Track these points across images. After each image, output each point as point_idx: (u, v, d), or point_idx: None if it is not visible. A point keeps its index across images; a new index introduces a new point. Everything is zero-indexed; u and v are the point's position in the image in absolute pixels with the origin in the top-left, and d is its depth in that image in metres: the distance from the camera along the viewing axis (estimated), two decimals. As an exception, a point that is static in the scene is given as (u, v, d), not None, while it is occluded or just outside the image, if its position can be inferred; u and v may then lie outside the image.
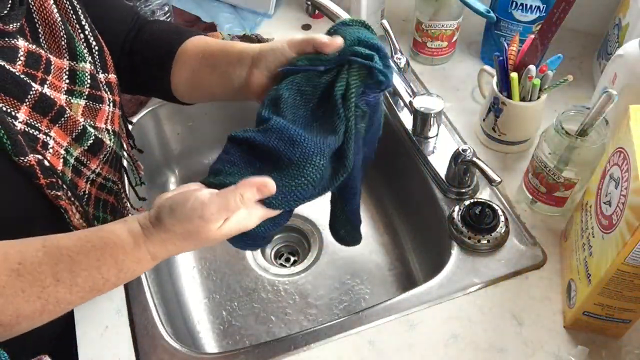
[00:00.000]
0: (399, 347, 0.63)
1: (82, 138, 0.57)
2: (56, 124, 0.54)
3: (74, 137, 0.56)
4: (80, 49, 0.56)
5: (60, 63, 0.55)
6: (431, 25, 0.92)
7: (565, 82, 0.71)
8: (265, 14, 1.07)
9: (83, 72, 0.57)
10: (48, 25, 0.53)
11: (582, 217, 0.63)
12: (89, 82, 0.57)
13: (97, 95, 0.59)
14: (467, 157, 0.71)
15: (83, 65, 0.57)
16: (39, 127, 0.52)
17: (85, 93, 0.57)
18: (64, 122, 0.54)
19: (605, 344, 0.62)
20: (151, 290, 0.69)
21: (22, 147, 0.49)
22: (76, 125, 0.56)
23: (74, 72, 0.56)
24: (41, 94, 0.52)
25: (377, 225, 0.95)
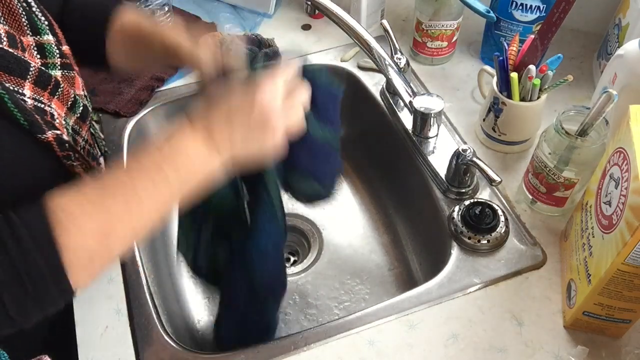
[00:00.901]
0: (399, 347, 0.63)
1: (74, 106, 0.59)
2: (54, 96, 0.56)
3: (68, 106, 0.58)
4: (39, 23, 0.57)
5: (26, 40, 0.55)
6: (431, 25, 0.92)
7: (565, 82, 0.71)
8: (265, 14, 1.07)
9: (49, 44, 0.58)
10: (6, 6, 0.54)
11: (582, 217, 0.63)
12: (57, 53, 0.58)
13: (68, 64, 0.60)
14: (467, 157, 0.71)
15: (47, 38, 0.57)
16: (42, 100, 0.54)
17: (57, 64, 0.58)
18: (60, 93, 0.56)
19: (605, 344, 0.62)
20: (151, 290, 0.69)
21: (39, 125, 0.51)
22: (69, 95, 0.58)
23: (41, 45, 0.57)
24: (39, 69, 0.53)
25: (377, 225, 0.95)
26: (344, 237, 0.94)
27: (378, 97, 0.93)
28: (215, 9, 1.08)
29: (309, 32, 1.05)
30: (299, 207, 0.98)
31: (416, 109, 0.80)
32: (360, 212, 0.98)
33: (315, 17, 1.05)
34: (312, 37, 1.04)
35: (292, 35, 1.04)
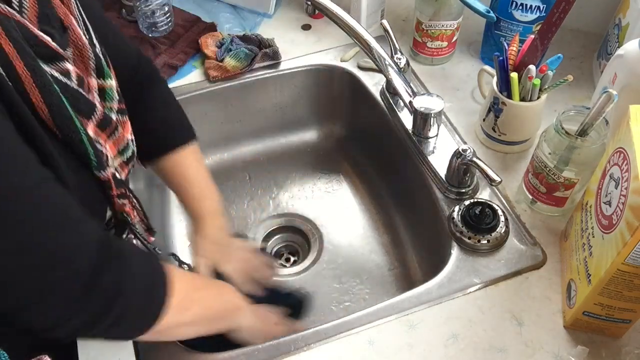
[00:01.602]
0: (399, 347, 0.63)
1: (125, 150, 0.62)
2: (111, 139, 0.58)
3: (120, 150, 0.60)
4: (106, 69, 0.58)
5: (91, 82, 0.57)
6: (431, 25, 0.92)
7: (565, 82, 0.71)
8: (265, 14, 1.07)
9: (111, 89, 0.59)
10: (78, 48, 0.55)
11: (582, 217, 0.63)
12: (117, 98, 0.60)
13: (123, 109, 0.62)
14: (467, 157, 0.71)
15: (110, 82, 0.59)
16: (100, 141, 0.56)
17: (115, 108, 0.60)
18: (116, 136, 0.59)
19: (605, 344, 0.62)
20: (151, 290, 0.69)
21: (103, 162, 0.54)
22: (123, 139, 0.60)
23: (103, 89, 0.58)
24: (104, 112, 0.56)
25: (377, 225, 0.95)
26: (344, 237, 0.94)
27: (378, 97, 0.93)
28: (215, 9, 1.08)
29: (309, 32, 1.05)
30: (299, 207, 0.98)
31: (416, 109, 0.80)
32: (360, 212, 0.98)
33: (315, 17, 1.05)
34: (312, 37, 1.04)
35: (292, 35, 1.04)
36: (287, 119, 1.05)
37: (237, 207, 0.99)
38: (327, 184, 1.02)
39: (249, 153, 1.06)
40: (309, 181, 1.03)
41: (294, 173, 1.04)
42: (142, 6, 0.96)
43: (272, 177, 1.03)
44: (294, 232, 0.97)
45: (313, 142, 1.08)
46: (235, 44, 0.98)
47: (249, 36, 1.00)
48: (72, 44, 0.54)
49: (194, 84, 0.95)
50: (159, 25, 0.99)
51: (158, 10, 0.97)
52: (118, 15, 1.03)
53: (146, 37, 0.99)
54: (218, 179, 1.02)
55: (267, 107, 1.02)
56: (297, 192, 1.01)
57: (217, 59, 0.96)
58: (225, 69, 0.95)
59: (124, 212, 0.61)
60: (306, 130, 1.08)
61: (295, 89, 1.02)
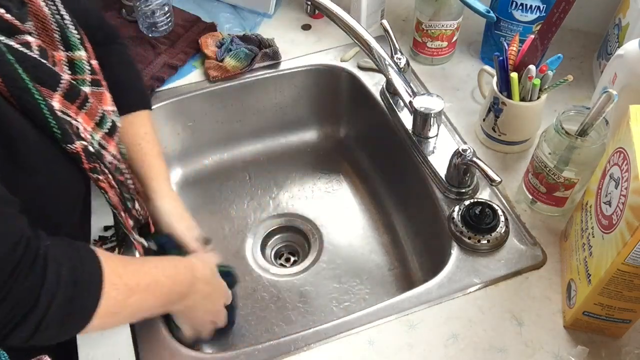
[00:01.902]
0: (399, 347, 0.63)
1: (102, 122, 0.60)
2: (82, 110, 0.56)
3: (96, 121, 0.59)
4: (73, 39, 0.57)
5: (58, 55, 0.56)
6: (431, 25, 0.92)
7: (565, 82, 0.71)
8: (265, 14, 1.07)
9: (80, 60, 0.58)
10: (39, 20, 0.54)
11: (582, 217, 0.63)
12: (88, 69, 0.59)
13: (97, 80, 0.61)
14: (467, 157, 0.71)
15: (79, 54, 0.58)
16: (69, 113, 0.54)
17: (87, 80, 0.59)
18: (88, 107, 0.57)
19: (605, 344, 0.62)
20: (151, 290, 0.69)
21: (70, 134, 0.52)
22: (97, 110, 0.58)
23: (72, 61, 0.57)
24: (70, 82, 0.54)
25: (377, 225, 0.95)
26: (344, 237, 0.94)
27: (378, 97, 0.93)
28: (215, 9, 1.08)
29: (309, 32, 1.05)
30: (299, 207, 0.98)
31: (416, 109, 0.80)
32: (360, 212, 0.98)
33: (315, 17, 1.05)
34: (312, 37, 1.04)
35: (292, 35, 1.04)
36: (287, 119, 1.05)
37: (237, 207, 0.99)
38: (327, 184, 1.02)
39: (249, 153, 1.06)
40: (309, 181, 1.03)
41: (294, 173, 1.04)
42: (142, 6, 0.96)
43: (272, 177, 1.03)
44: (294, 232, 0.97)
45: (313, 142, 1.08)
46: (235, 44, 0.98)
47: (249, 36, 1.00)
48: (33, 16, 0.53)
49: (194, 84, 0.95)
50: (159, 25, 0.99)
51: (158, 10, 0.97)
52: (118, 15, 1.03)
53: (146, 37, 0.99)
54: (218, 179, 1.03)
55: (267, 107, 1.02)
56: (297, 192, 1.01)
57: (217, 59, 0.96)
58: (225, 69, 0.95)
59: (100, 188, 0.59)
60: (306, 130, 1.08)
61: (295, 89, 1.01)
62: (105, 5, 1.05)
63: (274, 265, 0.93)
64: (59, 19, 0.56)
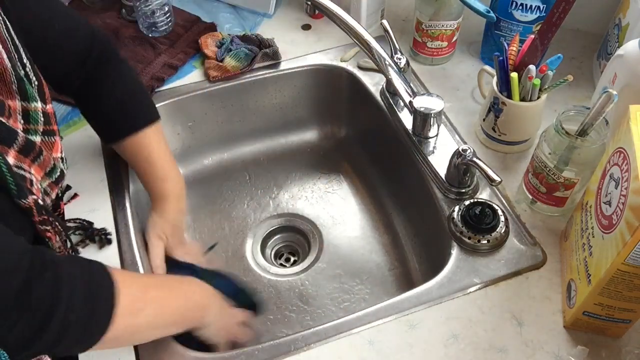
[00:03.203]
0: (399, 347, 0.63)
1: (52, 172, 0.60)
2: (35, 163, 0.57)
3: (47, 172, 0.59)
4: (30, 91, 0.57)
5: (13, 104, 0.55)
6: (431, 25, 0.92)
7: (565, 82, 0.71)
8: (265, 14, 1.07)
9: (36, 112, 0.58)
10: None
11: (582, 217, 0.63)
12: (42, 120, 0.59)
13: (50, 130, 0.61)
14: (467, 157, 0.71)
15: (35, 105, 0.58)
16: (24, 167, 0.54)
17: (40, 130, 0.59)
18: (41, 160, 0.57)
19: (605, 344, 0.62)
20: (151, 290, 0.69)
21: (24, 190, 0.52)
22: (49, 161, 0.59)
23: (26, 112, 0.57)
24: (26, 138, 0.54)
25: (377, 225, 0.95)
26: (344, 237, 0.94)
27: (378, 97, 0.93)
28: (215, 9, 1.08)
29: (309, 32, 1.05)
30: (299, 207, 0.98)
31: (416, 109, 0.80)
32: (360, 212, 0.98)
33: (315, 17, 1.05)
34: (312, 37, 1.04)
35: (292, 35, 1.04)
36: (287, 119, 1.05)
37: (237, 207, 0.99)
38: (327, 184, 1.02)
39: (249, 153, 1.06)
40: (309, 181, 1.03)
41: (294, 173, 1.04)
42: (142, 6, 0.96)
43: (272, 177, 1.03)
44: (294, 232, 0.97)
45: (313, 142, 1.08)
46: (235, 44, 0.98)
47: (249, 36, 1.00)
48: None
49: (194, 84, 0.95)
50: (159, 25, 0.99)
51: (158, 10, 0.97)
52: (118, 15, 1.03)
53: (146, 37, 0.99)
54: (218, 179, 1.03)
55: (267, 107, 1.02)
56: (297, 192, 1.01)
57: (217, 59, 0.96)
58: (225, 69, 0.95)
59: (45, 237, 0.59)
60: (306, 130, 1.08)
61: (295, 89, 1.02)
62: (105, 5, 1.05)
63: (274, 265, 0.93)
64: (19, 70, 0.56)
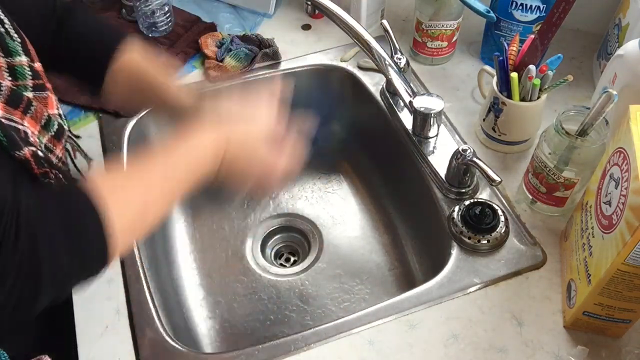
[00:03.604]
0: (399, 347, 0.63)
1: (48, 125, 0.59)
2: (27, 114, 0.56)
3: (42, 124, 0.58)
4: (11, 44, 0.56)
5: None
6: (431, 25, 0.92)
7: (565, 82, 0.71)
8: (265, 14, 1.07)
9: (21, 66, 0.57)
10: None
11: (582, 217, 0.63)
12: (30, 74, 0.58)
13: (40, 84, 0.60)
14: (467, 157, 0.71)
15: (19, 59, 0.57)
16: (14, 119, 0.53)
17: (29, 85, 0.58)
18: (33, 111, 0.56)
19: (605, 344, 0.62)
20: (151, 290, 0.69)
21: (17, 141, 0.51)
22: (42, 114, 0.58)
23: (12, 67, 0.56)
24: (11, 88, 0.53)
25: (377, 225, 0.95)
26: (344, 237, 0.94)
27: (378, 97, 0.93)
28: (215, 9, 1.08)
29: (309, 32, 1.05)
30: (299, 207, 0.98)
31: (416, 109, 0.80)
32: (360, 212, 0.98)
33: (315, 17, 1.05)
34: (312, 37, 1.04)
35: (292, 35, 1.04)
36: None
37: (237, 207, 0.99)
38: (327, 184, 1.02)
39: (249, 153, 1.06)
40: (309, 181, 1.03)
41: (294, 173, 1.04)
42: (142, 6, 0.96)
43: (272, 177, 1.03)
44: (294, 232, 0.97)
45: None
46: (235, 44, 0.98)
47: (249, 36, 1.00)
48: None
49: (194, 84, 0.95)
50: (159, 25, 0.99)
51: (158, 10, 0.97)
52: (118, 15, 1.03)
53: (146, 37, 0.99)
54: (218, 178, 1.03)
55: (267, 107, 1.02)
56: (297, 192, 1.01)
57: (217, 59, 0.96)
58: (225, 69, 0.95)
59: None
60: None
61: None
62: (105, 5, 1.05)
63: (274, 265, 0.93)
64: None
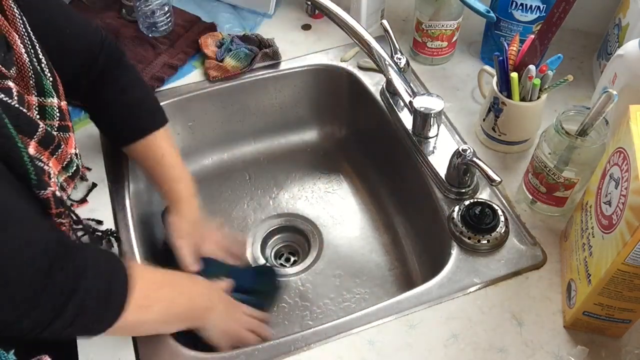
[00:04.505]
0: (399, 347, 0.63)
1: (69, 166, 0.62)
2: (54, 156, 0.58)
3: (64, 165, 0.60)
4: (47, 86, 0.58)
5: (31, 99, 0.57)
6: (431, 25, 0.92)
7: (565, 82, 0.72)
8: (265, 14, 1.07)
9: (52, 107, 0.59)
10: (18, 66, 0.55)
11: (582, 217, 0.63)
12: (57, 116, 0.60)
13: (65, 126, 0.62)
14: (467, 157, 0.71)
15: (51, 101, 0.59)
16: (42, 159, 0.55)
17: (55, 126, 0.60)
18: (59, 153, 0.59)
19: (605, 344, 0.62)
20: (151, 290, 0.69)
21: (43, 181, 0.53)
22: (66, 155, 0.60)
23: (43, 107, 0.58)
24: (46, 130, 0.55)
25: (377, 225, 0.95)
26: (344, 237, 0.94)
27: (378, 97, 0.93)
28: (215, 9, 1.08)
29: (309, 32, 1.05)
30: (299, 207, 0.98)
31: (416, 109, 0.80)
32: (360, 212, 0.98)
33: (315, 17, 1.05)
34: (312, 37, 1.04)
35: (292, 35, 1.04)
36: (287, 119, 1.05)
37: (237, 207, 0.99)
38: (327, 184, 1.02)
39: (249, 153, 1.06)
40: (309, 181, 1.03)
41: (294, 173, 1.04)
42: (142, 6, 0.96)
43: (272, 177, 1.03)
44: (294, 232, 0.97)
45: (313, 142, 1.08)
46: (235, 44, 0.98)
47: (249, 36, 1.00)
48: (15, 62, 0.54)
49: (194, 84, 0.95)
50: (159, 25, 0.99)
51: (158, 10, 0.97)
52: (118, 15, 1.03)
53: (146, 37, 0.99)
54: (218, 179, 1.03)
55: (267, 107, 1.02)
56: (297, 192, 1.01)
57: (217, 59, 0.96)
58: (225, 69, 0.95)
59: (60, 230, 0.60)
60: (306, 130, 1.08)
61: (295, 89, 1.02)
62: (105, 5, 1.05)
63: (274, 265, 0.93)
64: (36, 64, 0.57)
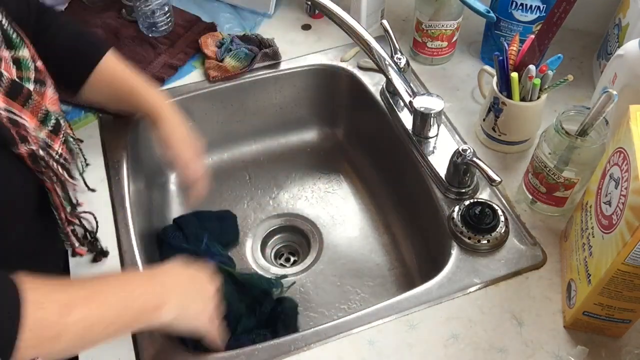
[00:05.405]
0: (399, 347, 0.63)
1: (46, 119, 0.60)
2: (25, 107, 0.56)
3: (40, 119, 0.59)
4: (14, 38, 0.58)
5: (3, 54, 0.56)
6: (431, 25, 0.92)
7: (565, 82, 0.72)
8: (265, 14, 1.07)
9: (24, 59, 0.59)
10: None
11: (582, 217, 0.63)
12: (32, 67, 0.59)
13: (41, 79, 0.61)
14: (467, 157, 0.71)
15: (22, 52, 0.58)
16: (14, 111, 0.54)
17: (31, 78, 0.59)
18: (31, 104, 0.57)
19: (605, 344, 0.62)
20: (151, 290, 0.69)
21: (13, 138, 0.52)
22: (40, 107, 0.59)
23: (17, 59, 0.58)
24: (11, 80, 0.54)
25: (377, 225, 0.95)
26: (344, 237, 0.94)
27: (378, 97, 0.93)
28: (215, 9, 1.08)
29: (309, 32, 1.05)
30: (299, 207, 0.98)
31: (416, 109, 0.80)
32: (360, 212, 0.98)
33: (315, 17, 1.05)
34: (312, 37, 1.04)
35: (292, 35, 1.04)
36: (287, 119, 1.05)
37: (237, 207, 0.99)
38: (327, 184, 1.02)
39: (249, 153, 1.06)
40: (309, 181, 1.03)
41: (294, 173, 1.04)
42: (142, 6, 0.96)
43: (272, 177, 1.03)
44: (294, 232, 0.97)
45: (313, 142, 1.08)
46: (235, 44, 0.98)
47: (249, 36, 1.00)
48: None
49: (194, 84, 0.95)
50: (159, 25, 0.99)
51: (158, 10, 0.97)
52: (118, 15, 1.03)
53: (146, 37, 0.99)
54: (218, 179, 1.03)
55: (267, 107, 1.02)
56: (297, 192, 1.01)
57: (217, 59, 0.96)
58: (225, 69, 0.95)
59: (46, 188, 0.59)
60: (306, 130, 1.08)
61: (295, 89, 1.02)
62: (105, 5, 1.05)
63: (274, 265, 0.93)
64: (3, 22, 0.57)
